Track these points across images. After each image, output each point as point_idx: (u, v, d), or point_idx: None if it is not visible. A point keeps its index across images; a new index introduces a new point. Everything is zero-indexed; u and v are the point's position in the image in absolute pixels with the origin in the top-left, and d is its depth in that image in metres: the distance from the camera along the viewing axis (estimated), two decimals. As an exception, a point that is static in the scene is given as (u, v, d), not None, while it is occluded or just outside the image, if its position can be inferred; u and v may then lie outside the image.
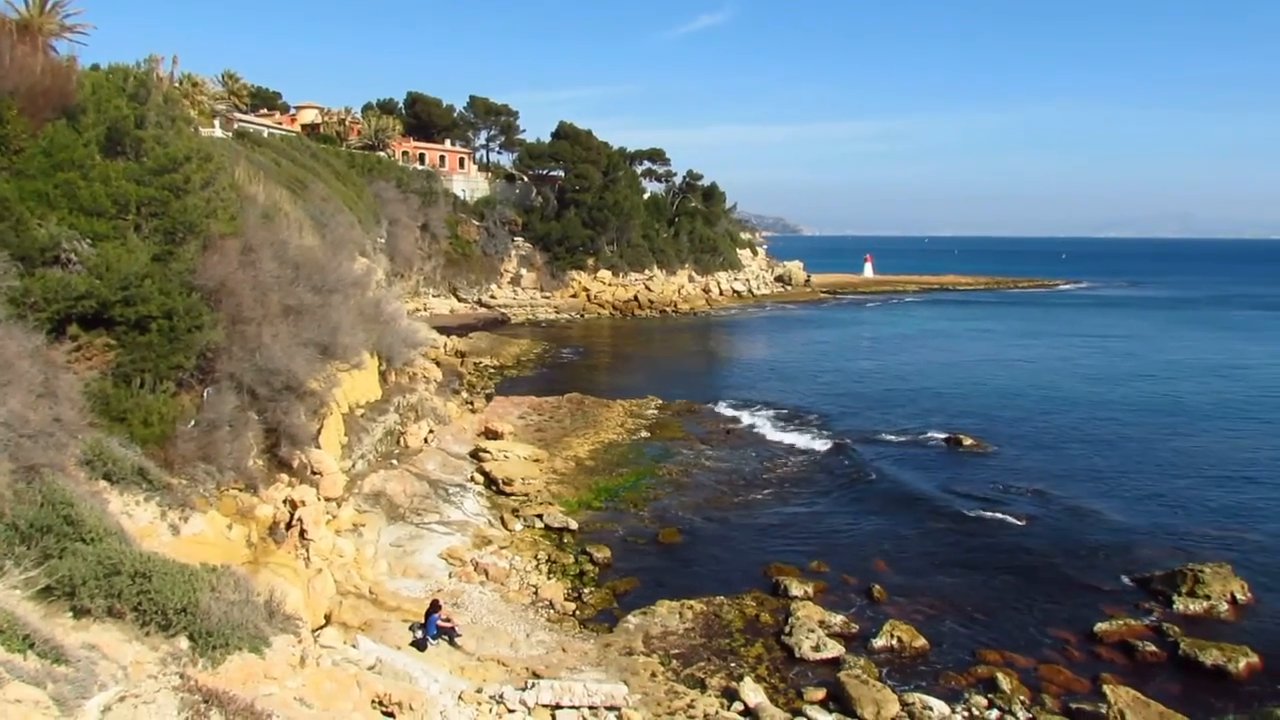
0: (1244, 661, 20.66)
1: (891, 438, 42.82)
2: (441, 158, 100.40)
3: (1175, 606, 23.66)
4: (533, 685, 17.84)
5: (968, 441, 40.67)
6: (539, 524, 29.57)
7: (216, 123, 55.38)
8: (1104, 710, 18.35)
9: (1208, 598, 23.71)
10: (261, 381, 22.69)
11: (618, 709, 17.71)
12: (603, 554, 27.20)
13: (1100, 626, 22.75)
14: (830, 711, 18.92)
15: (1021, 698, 19.52)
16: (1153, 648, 21.74)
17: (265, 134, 63.87)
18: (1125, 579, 25.88)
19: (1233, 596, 23.93)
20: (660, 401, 49.56)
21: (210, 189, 23.24)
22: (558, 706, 17.44)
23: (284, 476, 23.51)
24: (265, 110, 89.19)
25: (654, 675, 20.02)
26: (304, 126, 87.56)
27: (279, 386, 23.12)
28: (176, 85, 52.59)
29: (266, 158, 48.23)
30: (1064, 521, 30.92)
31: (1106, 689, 19.03)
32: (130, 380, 19.13)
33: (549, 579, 25.39)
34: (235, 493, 21.18)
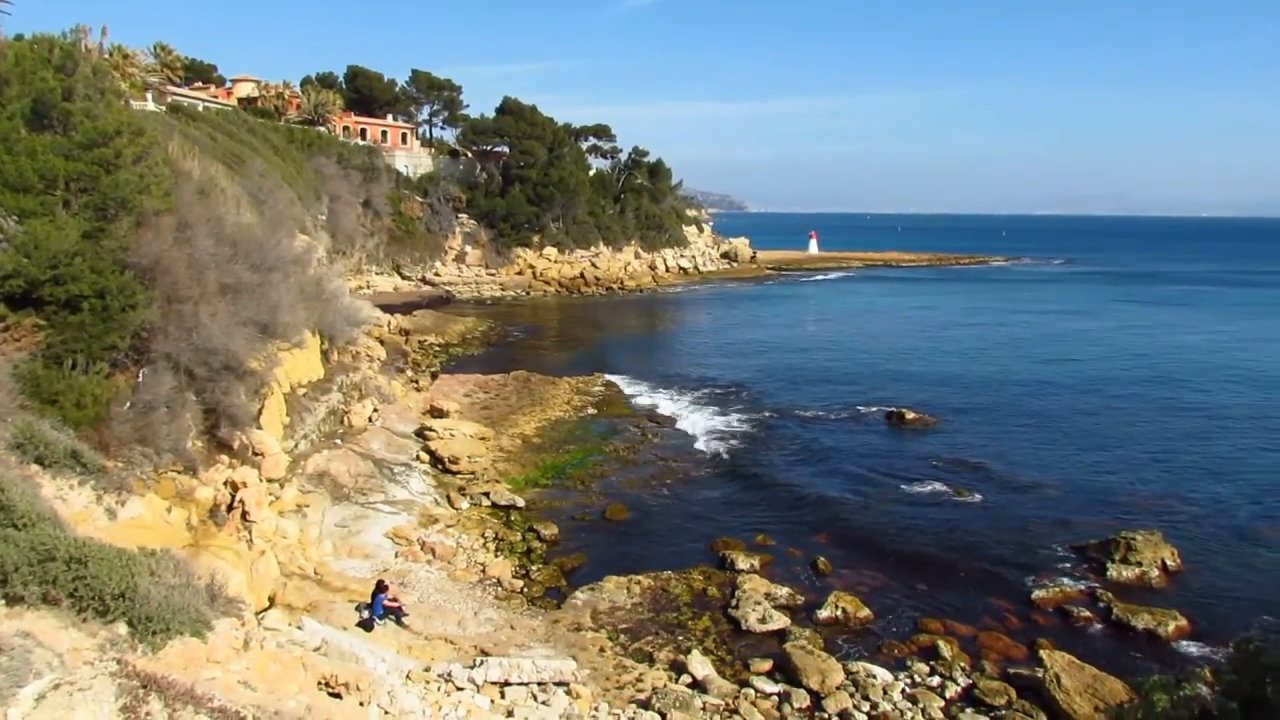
0: (1173, 625, 21.43)
1: (836, 413, 43.29)
2: (384, 133, 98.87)
3: (1109, 573, 24.37)
4: (481, 663, 17.82)
5: (910, 416, 41.26)
6: (486, 502, 29.47)
7: (149, 96, 53.89)
8: (1041, 674, 18.84)
9: (1140, 564, 24.43)
10: (199, 361, 22.24)
11: (567, 684, 17.78)
12: (550, 531, 27.20)
13: (1038, 594, 23.40)
14: (777, 682, 19.19)
15: (962, 664, 20.00)
16: (1087, 613, 22.44)
17: (200, 108, 62.30)
18: (1062, 548, 26.56)
19: (1163, 563, 24.69)
20: (607, 378, 49.61)
21: (143, 164, 22.59)
22: (506, 683, 17.45)
23: (224, 458, 23.09)
24: (200, 83, 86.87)
25: (602, 650, 20.12)
26: (240, 100, 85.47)
27: (218, 366, 22.68)
28: (106, 57, 51.00)
29: (202, 132, 47.11)
30: (1004, 493, 31.59)
31: (1043, 654, 19.54)
32: (62, 361, 18.61)
33: (496, 557, 25.34)
34: (174, 475, 20.77)
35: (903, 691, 18.96)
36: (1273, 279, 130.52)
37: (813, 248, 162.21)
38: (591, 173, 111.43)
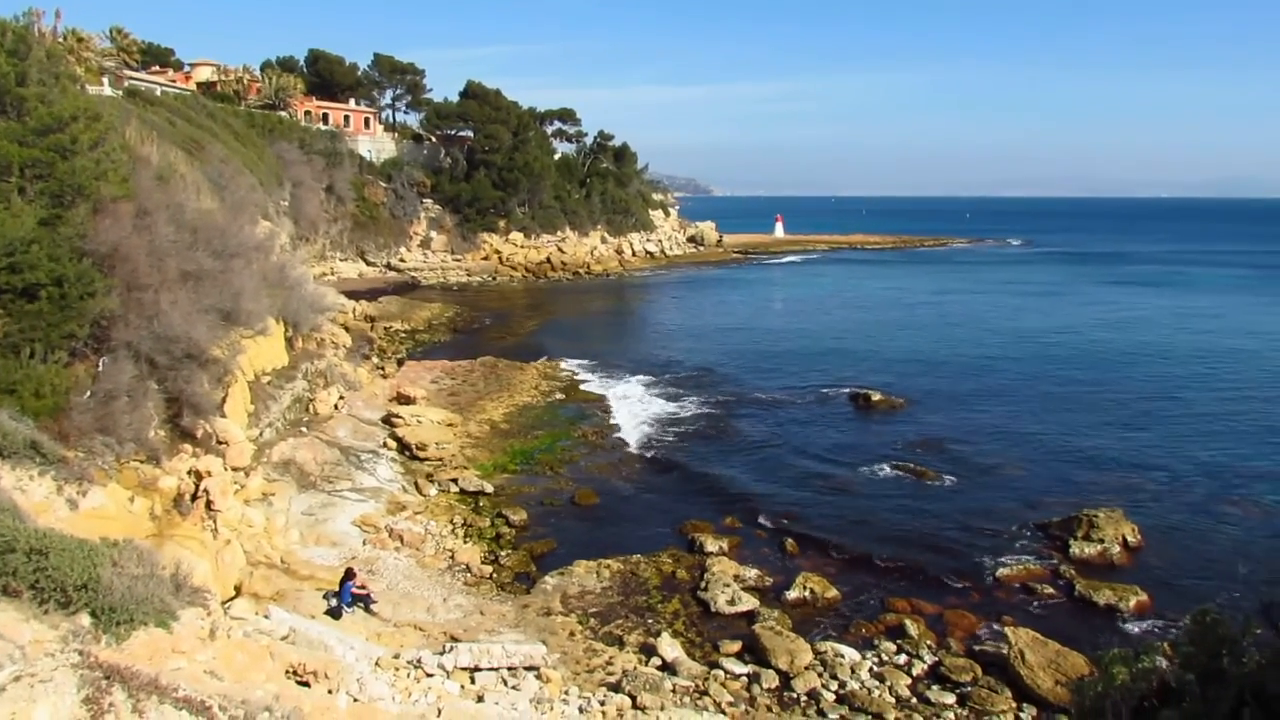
0: (1134, 600, 21.84)
1: (803, 396, 43.53)
2: (346, 118, 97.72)
3: (1072, 550, 24.75)
4: (451, 649, 17.81)
5: (876, 398, 41.56)
6: (454, 488, 29.39)
7: (105, 80, 52.97)
8: (1005, 651, 19.12)
9: (1101, 541, 24.83)
10: (161, 350, 21.95)
11: (537, 668, 17.82)
12: (519, 517, 27.19)
13: (1002, 572, 23.75)
14: (746, 663, 19.34)
15: (929, 642, 20.27)
16: (1051, 590, 22.83)
17: (158, 92, 61.26)
18: (1026, 526, 26.92)
19: (1124, 540, 25.10)
20: (575, 363, 49.58)
21: (100, 150, 22.22)
22: (476, 669, 17.45)
23: (188, 447, 22.85)
24: (157, 68, 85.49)
25: (572, 634, 20.18)
26: (199, 85, 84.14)
27: (179, 354, 22.40)
28: (60, 41, 50.02)
29: (160, 117, 46.34)
30: (969, 472, 31.94)
31: (1008, 631, 19.85)
32: (19, 350, 18.31)
33: (465, 543, 25.29)
34: (136, 465, 20.52)
35: (870, 670, 19.17)
36: (1230, 258, 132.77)
37: (779, 231, 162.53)
38: (557, 157, 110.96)
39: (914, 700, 18.18)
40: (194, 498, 20.81)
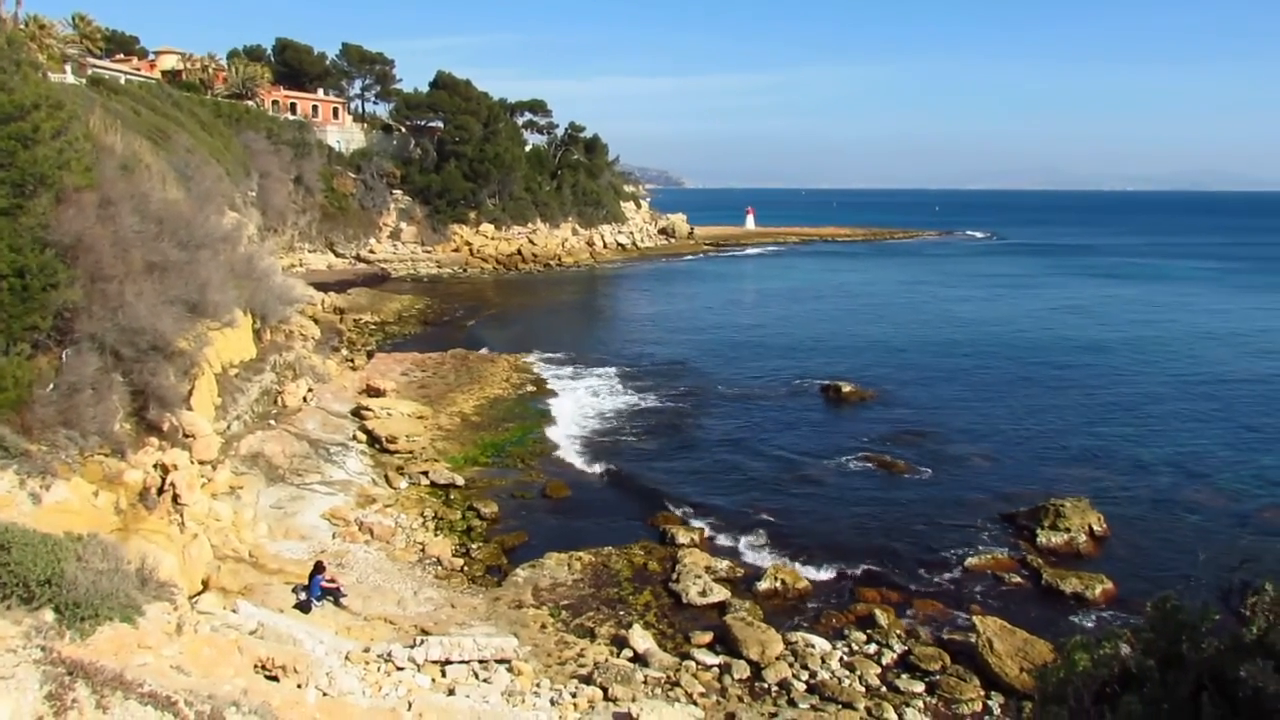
0: (1100, 588, 22.12)
1: (775, 388, 43.70)
2: (314, 107, 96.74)
3: (1039, 540, 25.04)
4: (421, 642, 17.73)
5: (847, 389, 41.76)
6: (424, 481, 29.24)
7: (68, 68, 52.10)
8: (974, 639, 19.31)
9: (1068, 530, 25.12)
10: (126, 342, 21.63)
11: (508, 661, 17.79)
12: (490, 509, 27.11)
13: (970, 561, 23.99)
14: (717, 654, 19.41)
15: (898, 632, 20.44)
16: (1018, 579, 23.11)
17: (122, 80, 60.40)
18: (994, 516, 27.22)
19: (1090, 529, 25.42)
20: (546, 355, 49.48)
21: (62, 139, 21.83)
22: (448, 662, 17.39)
23: (154, 440, 22.55)
24: (121, 55, 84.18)
25: (544, 627, 20.17)
26: (164, 73, 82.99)
27: (145, 346, 22.08)
28: (21, 27, 49.18)
29: (124, 106, 45.66)
30: (938, 463, 32.21)
31: (976, 620, 20.03)
32: (-20, 343, 18.01)
33: (436, 536, 25.18)
34: (101, 458, 20.24)
35: (841, 660, 19.31)
36: (1193, 250, 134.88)
37: (750, 223, 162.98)
38: (528, 148, 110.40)
39: (884, 689, 18.33)
40: (160, 491, 20.54)
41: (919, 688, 18.31)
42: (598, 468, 31.71)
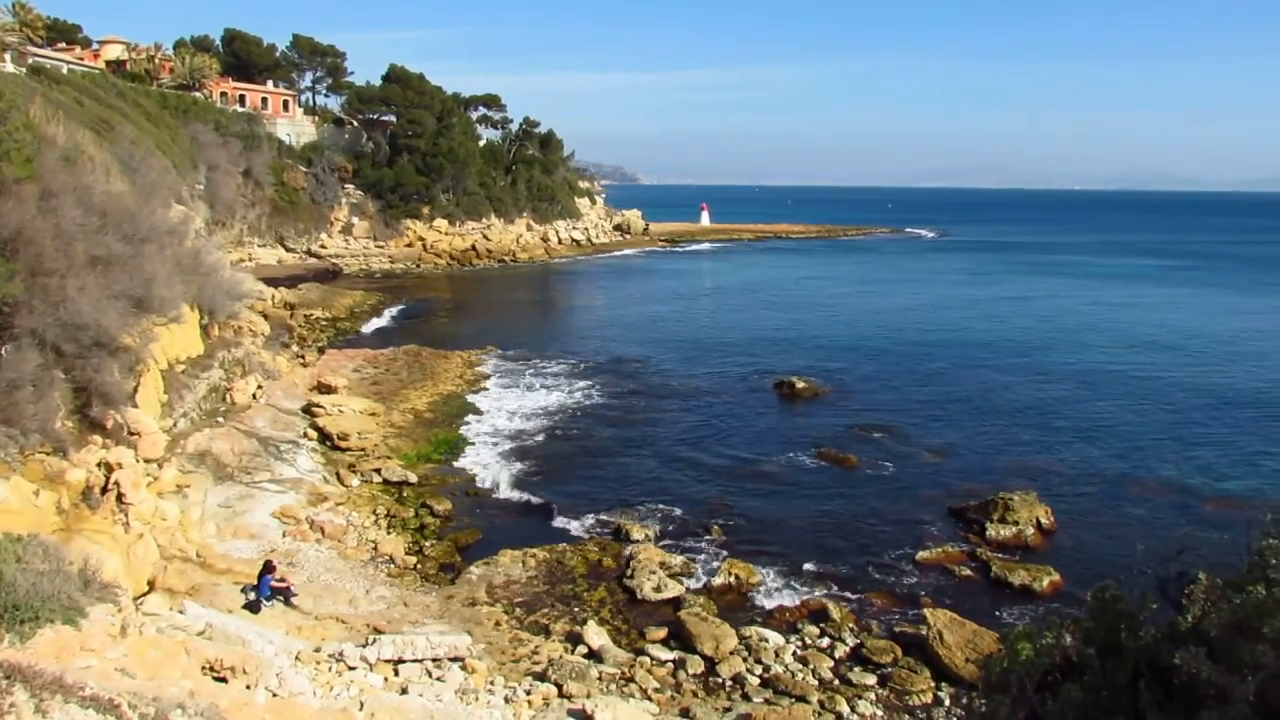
0: (1047, 580, 22.54)
1: (728, 384, 43.90)
2: (264, 100, 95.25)
3: (988, 533, 25.42)
4: (374, 641, 17.61)
5: (800, 385, 42.04)
6: (377, 479, 28.98)
7: (7, 57, 50.84)
8: (925, 632, 19.56)
9: (1016, 524, 25.53)
10: (68, 337, 21.18)
11: (462, 659, 17.72)
12: (444, 507, 26.95)
13: (921, 555, 24.31)
14: (672, 649, 19.48)
15: (850, 625, 20.65)
16: (968, 571, 23.46)
17: (64, 70, 59.05)
18: (944, 510, 27.61)
19: (1038, 522, 25.86)
20: (500, 352, 49.24)
21: (2, 129, 21.34)
22: (400, 661, 17.28)
23: (97, 438, 22.10)
24: (64, 44, 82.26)
25: (498, 624, 20.08)
26: (109, 63, 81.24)
27: (88, 342, 21.64)
28: (-42, 15, 47.93)
29: (67, 96, 44.66)
30: (889, 458, 32.57)
31: (927, 612, 20.28)
32: (-86, 338, 17.51)
33: (389, 534, 24.96)
34: (42, 457, 19.81)
35: (794, 654, 19.45)
36: (1136, 248, 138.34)
37: (705, 220, 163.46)
38: (482, 143, 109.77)
39: (837, 682, 18.52)
40: (104, 490, 20.16)
41: (871, 680, 18.52)
42: (552, 464, 31.60)
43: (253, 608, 19.02)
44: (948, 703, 17.87)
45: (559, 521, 26.51)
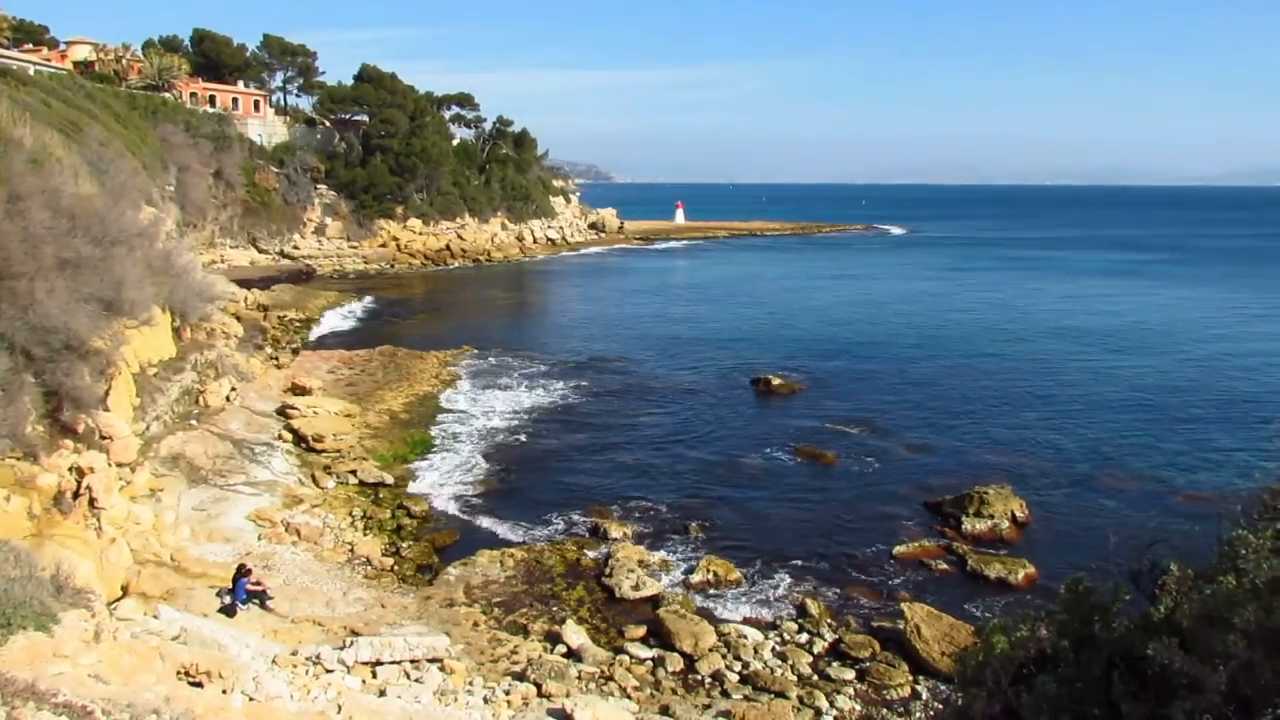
0: (1022, 573, 22.77)
1: (705, 382, 44.02)
2: (235, 100, 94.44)
3: (964, 527, 25.63)
4: (351, 643, 17.50)
5: (776, 382, 42.22)
6: (353, 480, 28.87)
7: (-28, 58, 50.18)
8: (902, 626, 19.69)
9: (991, 517, 25.76)
10: (37, 341, 20.92)
11: (440, 660, 17.64)
12: (420, 507, 26.88)
13: (898, 549, 24.48)
14: (651, 647, 19.51)
15: (829, 621, 20.75)
16: (945, 566, 23.65)
17: (31, 71, 58.28)
18: (920, 504, 27.83)
19: (1013, 515, 26.10)
20: (475, 352, 49.14)
21: (-34, 131, 21.08)
22: (378, 663, 17.19)
23: (69, 442, 21.85)
24: (30, 45, 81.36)
25: (476, 625, 20.03)
26: (76, 64, 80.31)
27: (58, 346, 21.39)
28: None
29: (34, 98, 44.10)
30: (866, 453, 32.79)
31: (904, 606, 20.40)
32: (-120, 343, 17.26)
33: (365, 535, 24.85)
34: (13, 462, 19.56)
35: (773, 650, 19.53)
36: (1105, 242, 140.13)
37: (679, 217, 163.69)
38: (455, 143, 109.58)
39: (815, 677, 18.60)
40: (76, 495, 19.94)
41: (849, 675, 18.62)
42: (529, 463, 31.59)
43: (228, 611, 18.88)
44: (925, 696, 18.00)
45: (537, 521, 26.47)
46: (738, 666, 18.84)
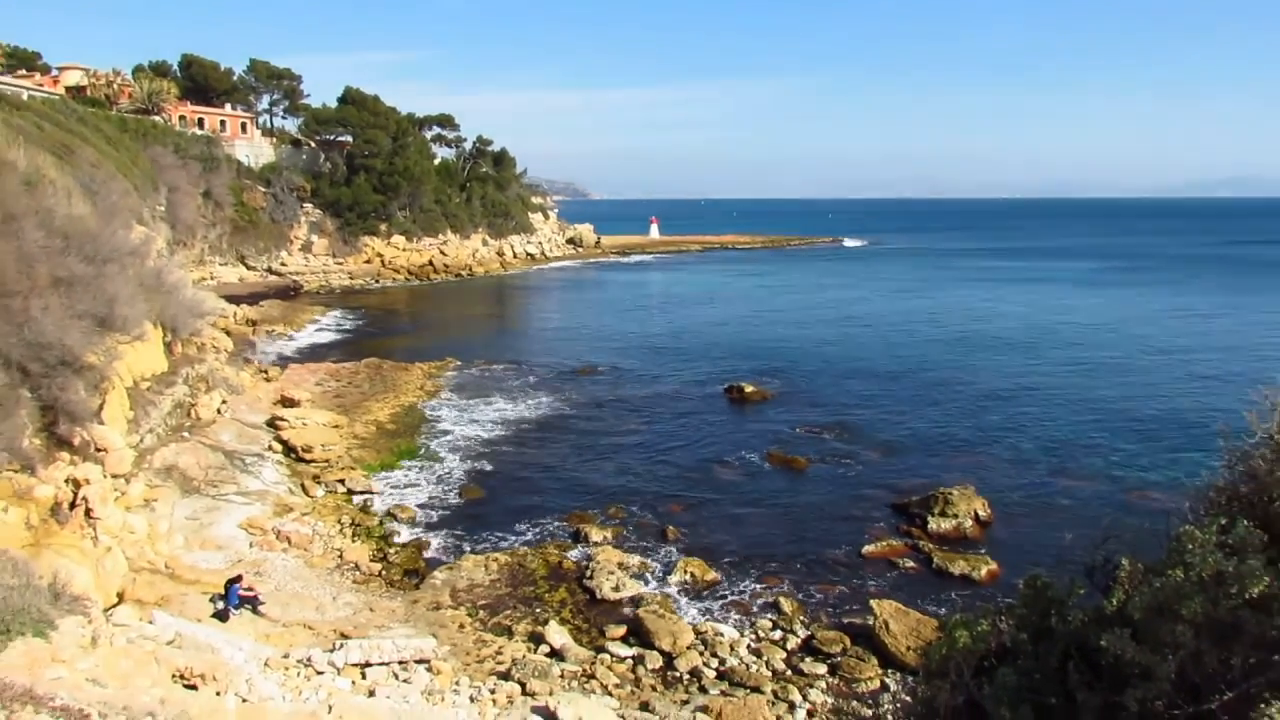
0: (985, 569, 23.59)
1: (681, 389, 44.83)
2: (222, 122, 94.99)
3: (930, 526, 26.45)
4: (341, 646, 17.99)
5: (749, 389, 43.07)
6: (341, 489, 29.42)
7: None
8: (871, 622, 20.38)
9: (956, 516, 26.59)
10: (33, 357, 21.47)
11: (427, 661, 18.14)
12: (407, 514, 27.46)
13: (867, 549, 25.27)
14: (631, 646, 20.11)
15: (801, 618, 21.43)
16: (911, 563, 24.46)
17: (25, 96, 58.68)
18: (888, 505, 28.66)
19: (976, 514, 26.97)
20: (459, 363, 49.76)
21: (-38, 154, 21.65)
22: (367, 664, 17.66)
23: (65, 455, 22.36)
24: (24, 71, 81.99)
25: (462, 627, 20.60)
26: (69, 89, 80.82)
27: (53, 361, 21.93)
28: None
29: (27, 121, 44.63)
30: (835, 457, 33.73)
31: (873, 603, 21.09)
32: (-118, 360, 17.79)
33: (354, 542, 25.40)
34: (10, 474, 20.06)
35: (748, 647, 20.15)
36: (1059, 253, 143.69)
37: (654, 232, 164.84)
38: (437, 162, 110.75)
39: (789, 672, 19.23)
40: (72, 506, 20.44)
41: (821, 669, 19.26)
42: (511, 471, 32.20)
43: (221, 616, 19.38)
44: (894, 688, 18.64)
45: (520, 526, 27.08)
46: (715, 663, 19.43)
